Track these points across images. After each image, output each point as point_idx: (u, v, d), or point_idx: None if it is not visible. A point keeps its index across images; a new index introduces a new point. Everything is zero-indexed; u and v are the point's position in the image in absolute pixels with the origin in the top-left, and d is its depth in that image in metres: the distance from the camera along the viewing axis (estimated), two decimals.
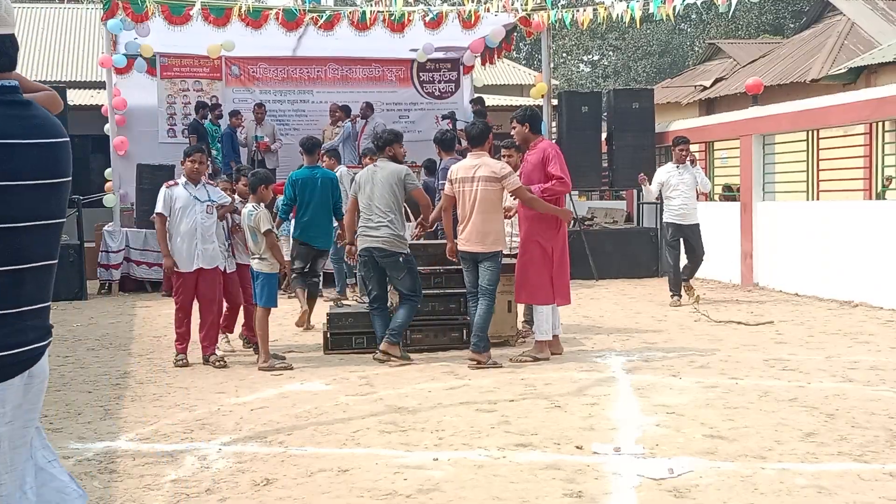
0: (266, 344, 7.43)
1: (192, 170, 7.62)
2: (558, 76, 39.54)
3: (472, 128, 7.64)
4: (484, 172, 7.30)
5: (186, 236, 7.48)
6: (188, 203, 7.50)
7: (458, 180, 7.42)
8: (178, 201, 7.51)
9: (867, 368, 6.91)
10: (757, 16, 38.60)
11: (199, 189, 7.63)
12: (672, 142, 11.19)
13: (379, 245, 7.50)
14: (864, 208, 10.88)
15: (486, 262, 7.36)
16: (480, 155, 7.44)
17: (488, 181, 7.27)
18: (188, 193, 7.53)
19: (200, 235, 7.50)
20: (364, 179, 7.67)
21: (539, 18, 13.89)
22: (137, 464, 4.85)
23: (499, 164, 7.48)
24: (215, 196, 7.73)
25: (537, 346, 7.59)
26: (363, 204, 7.64)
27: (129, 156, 14.19)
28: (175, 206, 7.50)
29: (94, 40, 24.96)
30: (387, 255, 7.50)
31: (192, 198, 7.52)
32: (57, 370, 7.56)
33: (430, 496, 4.23)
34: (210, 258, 7.56)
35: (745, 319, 9.48)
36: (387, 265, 7.56)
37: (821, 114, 11.50)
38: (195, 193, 7.57)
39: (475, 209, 7.30)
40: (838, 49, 21.15)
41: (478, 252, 7.35)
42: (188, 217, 7.48)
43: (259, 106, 15.01)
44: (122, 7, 12.78)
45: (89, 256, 13.09)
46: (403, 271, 7.54)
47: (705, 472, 4.47)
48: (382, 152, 7.78)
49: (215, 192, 7.82)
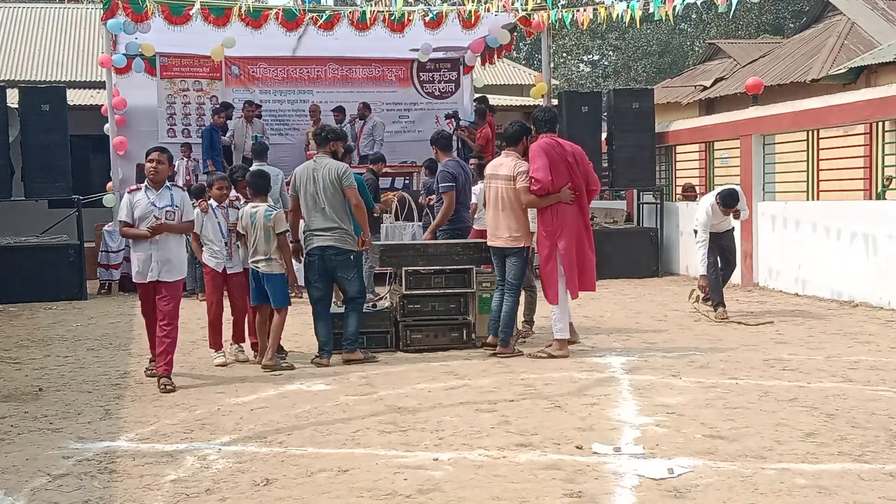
0: (276, 343, 7.44)
1: (150, 170, 6.89)
2: (558, 76, 39.51)
3: (509, 128, 7.97)
4: (504, 171, 7.69)
5: (141, 246, 6.82)
6: (147, 211, 6.78)
7: (487, 177, 7.93)
8: (137, 208, 6.80)
9: (867, 368, 6.91)
10: (757, 16, 38.58)
11: (160, 194, 6.85)
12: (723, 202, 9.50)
13: (331, 243, 7.54)
14: (864, 208, 10.87)
15: (512, 258, 7.73)
16: (510, 154, 7.79)
17: (507, 180, 7.64)
18: (147, 199, 6.81)
19: (156, 246, 6.76)
20: (305, 178, 7.66)
21: (539, 18, 13.89)
22: (137, 464, 4.85)
23: (515, 164, 7.68)
24: (179, 201, 6.92)
25: (556, 343, 7.68)
26: (309, 203, 7.62)
27: (129, 156, 14.18)
28: (134, 213, 6.80)
29: (94, 40, 24.95)
30: (339, 254, 7.54)
31: (150, 204, 6.80)
32: (57, 370, 7.57)
33: (430, 496, 4.23)
34: (169, 271, 6.79)
35: (763, 321, 9.48)
36: (338, 264, 7.59)
37: (821, 114, 11.50)
38: (154, 199, 6.82)
39: (498, 205, 7.71)
40: (838, 49, 21.14)
41: (503, 247, 7.73)
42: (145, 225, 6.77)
43: (249, 104, 14.95)
44: (122, 7, 12.77)
45: (89, 256, 13.10)
46: (353, 271, 7.60)
47: (705, 472, 4.47)
48: (325, 148, 7.80)
49: (181, 196, 7.00)
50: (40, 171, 12.66)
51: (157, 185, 6.88)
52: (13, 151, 12.79)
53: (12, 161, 12.77)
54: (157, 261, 6.75)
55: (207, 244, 7.79)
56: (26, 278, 12.32)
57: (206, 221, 7.78)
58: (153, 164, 6.82)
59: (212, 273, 7.81)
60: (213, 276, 7.80)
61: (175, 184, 7.22)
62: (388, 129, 15.65)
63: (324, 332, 7.63)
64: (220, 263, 7.77)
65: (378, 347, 8.07)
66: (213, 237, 7.76)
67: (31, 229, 15.05)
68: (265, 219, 7.39)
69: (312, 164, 7.70)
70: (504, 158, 7.85)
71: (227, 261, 7.78)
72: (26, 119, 12.68)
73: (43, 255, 12.61)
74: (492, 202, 7.79)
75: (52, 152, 12.62)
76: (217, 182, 8.00)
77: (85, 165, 18.48)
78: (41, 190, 12.91)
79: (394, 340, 8.17)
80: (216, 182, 8.00)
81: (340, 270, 7.59)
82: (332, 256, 7.54)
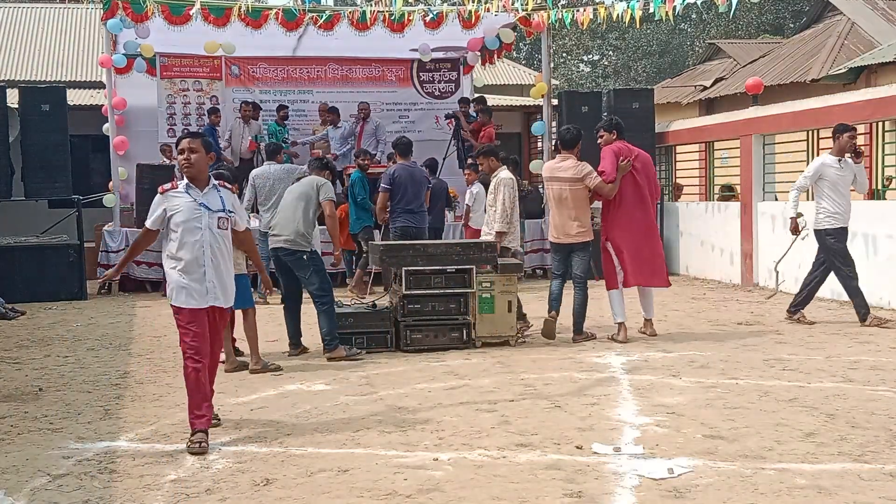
0: (256, 346, 7.37)
1: (183, 163, 5.38)
2: (558, 76, 39.52)
3: (566, 132, 8.66)
4: (568, 174, 8.35)
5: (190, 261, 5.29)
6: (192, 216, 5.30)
7: (546, 179, 8.63)
8: (179, 213, 5.30)
9: (867, 368, 6.91)
10: (757, 16, 38.58)
11: (207, 195, 5.38)
12: (835, 129, 9.21)
13: (281, 245, 7.76)
14: (864, 208, 10.87)
15: (579, 252, 8.46)
16: (567, 157, 8.46)
17: (571, 181, 8.33)
18: (192, 201, 5.32)
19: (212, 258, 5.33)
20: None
21: (539, 18, 13.89)
22: (137, 464, 4.85)
23: (579, 166, 8.40)
24: (231, 205, 5.52)
25: (616, 327, 8.46)
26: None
27: (129, 156, 14.18)
28: (174, 219, 5.31)
29: (94, 40, 24.94)
30: (289, 254, 7.73)
31: (196, 207, 5.31)
32: (57, 370, 7.57)
33: (430, 496, 4.23)
34: (226, 293, 5.46)
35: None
36: (292, 264, 7.77)
37: (821, 114, 11.49)
38: (202, 201, 5.33)
39: (562, 205, 8.38)
40: (838, 49, 21.13)
41: (568, 243, 8.44)
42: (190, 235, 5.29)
43: (246, 104, 14.93)
44: (122, 7, 12.77)
45: (89, 256, 13.09)
46: (308, 270, 7.71)
47: (705, 472, 4.47)
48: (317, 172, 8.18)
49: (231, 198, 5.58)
50: (40, 171, 12.66)
51: (201, 183, 5.39)
52: (13, 151, 12.79)
53: (12, 161, 12.77)
54: (213, 280, 5.35)
55: None
56: (26, 278, 12.32)
57: None
58: (185, 155, 5.34)
59: None
60: None
61: (223, 183, 5.61)
62: (388, 129, 15.65)
63: (291, 327, 8.04)
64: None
65: (378, 347, 8.08)
66: None
67: (31, 229, 15.04)
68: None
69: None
70: (562, 161, 8.46)
71: None
72: (26, 119, 12.68)
73: (43, 255, 12.60)
74: (554, 202, 8.44)
75: (52, 152, 12.62)
76: None
77: (85, 165, 18.47)
78: (41, 190, 12.91)
79: (394, 340, 8.17)
80: None
81: (297, 270, 7.81)
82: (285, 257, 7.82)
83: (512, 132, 20.95)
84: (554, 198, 8.44)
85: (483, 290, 8.27)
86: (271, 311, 9.19)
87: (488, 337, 8.27)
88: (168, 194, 5.39)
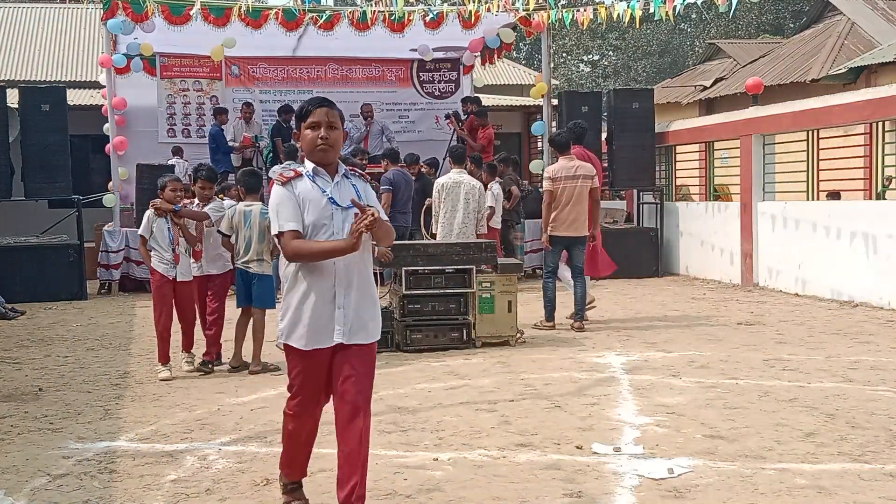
0: (260, 346, 7.42)
1: (320, 142, 3.74)
2: (558, 76, 39.51)
3: (559, 136, 9.44)
4: (584, 172, 9.06)
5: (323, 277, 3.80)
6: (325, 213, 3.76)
7: (560, 178, 9.04)
8: (310, 208, 3.76)
9: (867, 368, 6.91)
10: (757, 16, 38.57)
11: (338, 184, 3.80)
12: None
13: None
14: (864, 208, 10.87)
15: (580, 245, 9.10)
16: (572, 157, 9.15)
17: (586, 179, 9.03)
18: (320, 191, 3.78)
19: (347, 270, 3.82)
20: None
21: (539, 18, 13.88)
22: (137, 464, 4.85)
23: (590, 165, 9.18)
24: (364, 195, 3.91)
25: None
26: None
27: (129, 156, 14.18)
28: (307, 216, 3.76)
29: (94, 40, 24.94)
30: None
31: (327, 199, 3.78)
32: (57, 370, 7.57)
33: (430, 496, 4.23)
34: (363, 325, 3.92)
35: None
36: None
37: (821, 114, 11.49)
38: (330, 191, 3.79)
39: (573, 201, 8.98)
40: (838, 49, 21.13)
41: (574, 236, 9.03)
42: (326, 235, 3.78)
43: (247, 105, 14.97)
44: (122, 7, 12.77)
45: (89, 256, 13.09)
46: None
47: (705, 472, 4.47)
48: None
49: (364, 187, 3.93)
50: (40, 171, 12.66)
51: (332, 169, 3.83)
52: (13, 151, 12.79)
53: (12, 161, 12.77)
54: (348, 306, 3.79)
55: (157, 250, 7.24)
56: (26, 278, 12.32)
57: (157, 225, 7.24)
58: (321, 132, 3.74)
59: (161, 281, 7.25)
60: (163, 283, 7.25)
61: (353, 169, 3.98)
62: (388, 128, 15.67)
63: None
64: (169, 270, 7.23)
65: (378, 347, 8.05)
66: (163, 243, 7.23)
67: (31, 229, 15.05)
68: (261, 217, 7.36)
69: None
70: (570, 162, 9.10)
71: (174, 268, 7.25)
72: (26, 119, 12.68)
73: (43, 255, 12.60)
74: (574, 199, 8.98)
75: (52, 152, 12.61)
76: (170, 183, 7.38)
77: (85, 165, 18.48)
78: (41, 190, 12.90)
79: (394, 340, 8.17)
80: (169, 183, 7.37)
81: None
82: None
83: (512, 132, 20.96)
84: (574, 195, 8.98)
85: (483, 290, 8.27)
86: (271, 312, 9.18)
87: (488, 337, 8.28)
88: (291, 182, 3.77)
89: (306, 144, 3.79)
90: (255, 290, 7.43)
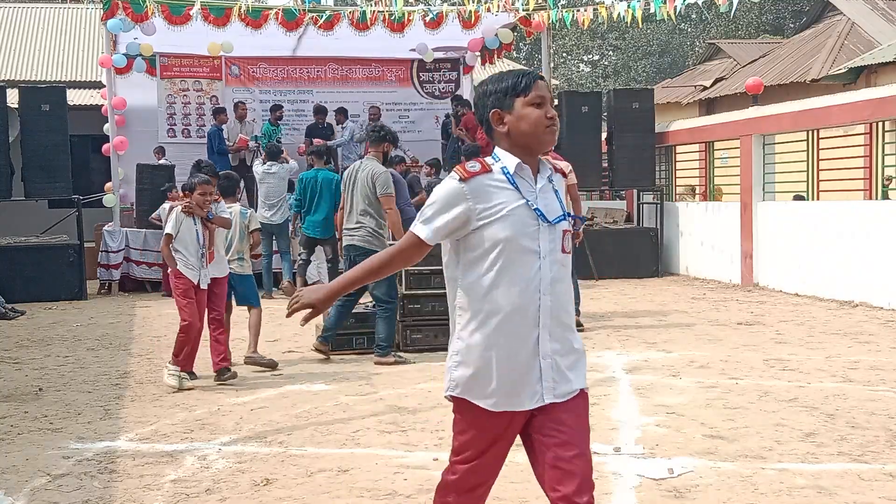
0: (256, 340, 7.44)
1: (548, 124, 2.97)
2: (558, 76, 39.52)
3: None
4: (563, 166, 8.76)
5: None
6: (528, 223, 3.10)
7: None
8: (508, 213, 3.01)
9: (867, 368, 6.91)
10: (757, 16, 38.56)
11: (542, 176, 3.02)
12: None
13: (354, 243, 7.63)
14: (864, 208, 10.87)
15: None
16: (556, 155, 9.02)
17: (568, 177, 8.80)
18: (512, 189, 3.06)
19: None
20: (347, 177, 7.83)
21: (539, 18, 13.89)
22: (137, 464, 4.85)
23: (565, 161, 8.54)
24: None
25: None
26: (348, 202, 7.79)
27: (129, 156, 14.18)
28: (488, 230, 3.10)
29: (94, 40, 24.94)
30: (361, 254, 7.45)
31: (524, 201, 3.05)
32: (57, 370, 7.57)
33: (431, 496, 4.22)
34: None
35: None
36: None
37: (821, 114, 11.49)
38: (527, 191, 3.01)
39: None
40: (838, 49, 21.15)
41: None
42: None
43: (242, 104, 14.96)
44: (122, 7, 12.77)
45: (89, 256, 13.09)
46: None
47: (705, 472, 4.47)
48: (376, 147, 7.89)
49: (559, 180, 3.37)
50: (40, 171, 12.65)
51: (535, 166, 2.87)
52: (13, 151, 12.79)
53: (12, 161, 12.77)
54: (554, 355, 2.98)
55: (181, 253, 6.70)
56: (26, 278, 12.32)
57: (186, 225, 6.75)
58: (543, 107, 2.80)
59: (188, 285, 6.68)
60: (189, 288, 6.69)
61: (554, 157, 3.30)
62: None
63: (332, 318, 7.71)
64: (195, 275, 6.73)
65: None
66: (190, 246, 6.71)
67: (31, 229, 15.05)
68: (241, 217, 7.37)
69: (357, 165, 7.93)
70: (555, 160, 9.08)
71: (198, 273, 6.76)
72: (26, 119, 12.68)
73: (43, 255, 12.61)
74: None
75: (52, 152, 12.61)
76: (200, 186, 6.78)
77: (85, 165, 18.48)
78: (41, 190, 12.90)
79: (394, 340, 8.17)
80: (198, 186, 6.78)
81: None
82: (354, 256, 7.53)
83: None
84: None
85: None
86: (272, 312, 9.20)
87: None
88: (476, 180, 2.76)
89: (529, 125, 2.75)
90: (241, 291, 7.44)
